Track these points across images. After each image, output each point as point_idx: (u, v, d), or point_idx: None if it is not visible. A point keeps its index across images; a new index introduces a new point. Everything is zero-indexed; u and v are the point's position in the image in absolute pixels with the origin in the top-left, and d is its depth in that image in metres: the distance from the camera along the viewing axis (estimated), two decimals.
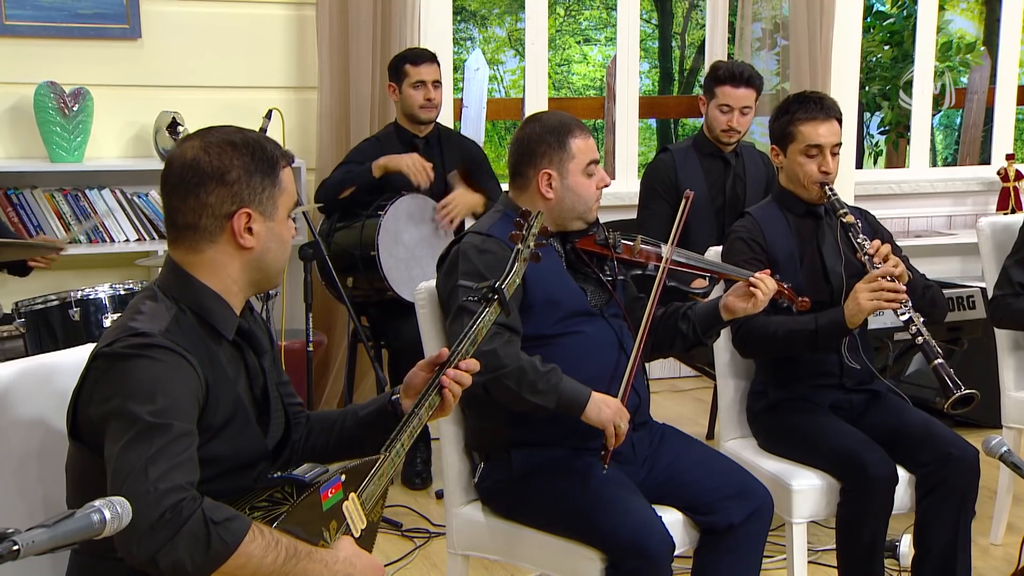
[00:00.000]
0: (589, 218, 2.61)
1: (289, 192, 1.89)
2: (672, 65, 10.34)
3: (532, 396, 2.38)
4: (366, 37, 4.60)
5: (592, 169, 2.59)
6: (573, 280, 2.60)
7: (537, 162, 2.59)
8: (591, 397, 2.40)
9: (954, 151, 9.74)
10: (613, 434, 2.39)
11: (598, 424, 2.40)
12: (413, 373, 2.06)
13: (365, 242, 3.98)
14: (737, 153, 4.28)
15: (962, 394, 2.63)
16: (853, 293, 2.80)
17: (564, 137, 2.57)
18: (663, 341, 2.69)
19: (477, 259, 2.49)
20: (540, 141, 2.59)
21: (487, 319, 2.08)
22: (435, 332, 2.65)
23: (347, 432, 2.09)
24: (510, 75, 10.38)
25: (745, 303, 2.59)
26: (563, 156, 2.57)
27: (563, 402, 2.39)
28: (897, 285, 2.77)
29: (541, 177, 2.58)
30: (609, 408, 2.41)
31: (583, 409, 2.40)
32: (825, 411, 2.95)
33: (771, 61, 5.56)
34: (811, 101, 2.97)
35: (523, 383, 2.37)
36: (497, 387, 2.38)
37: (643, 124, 9.82)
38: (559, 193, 2.58)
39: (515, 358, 2.38)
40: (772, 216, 3.05)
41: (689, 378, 5.49)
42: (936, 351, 2.71)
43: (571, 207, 2.58)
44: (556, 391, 2.39)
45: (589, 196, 2.59)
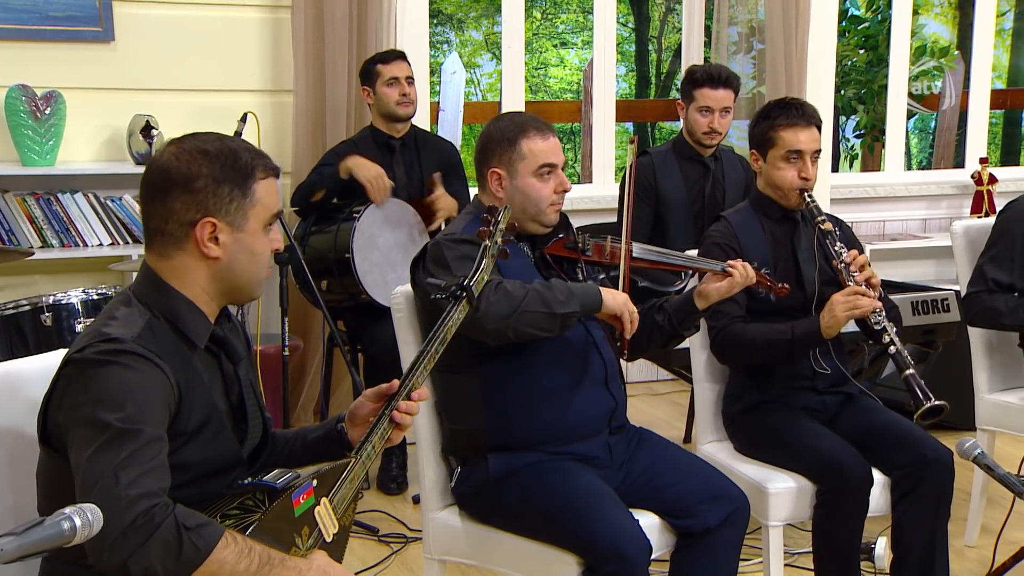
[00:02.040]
0: (545, 221, 2.60)
1: (265, 204, 1.86)
2: (649, 69, 10.37)
3: (560, 308, 2.39)
4: (341, 40, 4.59)
5: (546, 171, 2.58)
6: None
7: (488, 160, 2.60)
8: (601, 288, 2.47)
9: (929, 155, 9.82)
10: (628, 318, 2.45)
11: (615, 309, 2.45)
12: (360, 403, 2.06)
13: (340, 246, 3.98)
14: (716, 156, 4.30)
15: (932, 405, 2.65)
16: (829, 305, 2.83)
17: (516, 137, 2.57)
18: (641, 336, 2.69)
19: (450, 253, 2.48)
20: (492, 139, 2.60)
21: (456, 318, 2.07)
22: (412, 337, 2.64)
23: (297, 454, 2.09)
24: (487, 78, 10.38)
25: (720, 283, 2.60)
26: (512, 156, 2.57)
27: (584, 302, 2.44)
28: (871, 294, 2.79)
29: (491, 176, 2.59)
30: (620, 295, 2.48)
31: (601, 299, 2.45)
32: (800, 414, 2.96)
33: (747, 65, 5.59)
34: (792, 107, 2.98)
35: (549, 301, 2.39)
36: (526, 319, 2.36)
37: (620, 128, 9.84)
38: (509, 193, 2.58)
39: (522, 287, 2.40)
40: (747, 221, 3.06)
41: (666, 381, 5.50)
42: (908, 361, 2.74)
43: (522, 208, 2.57)
44: (573, 295, 2.43)
45: (540, 198, 2.57)
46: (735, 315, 2.94)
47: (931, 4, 9.35)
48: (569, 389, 2.51)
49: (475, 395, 2.53)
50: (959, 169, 6.37)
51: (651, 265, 2.73)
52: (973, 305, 3.30)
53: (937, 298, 3.68)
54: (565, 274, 2.63)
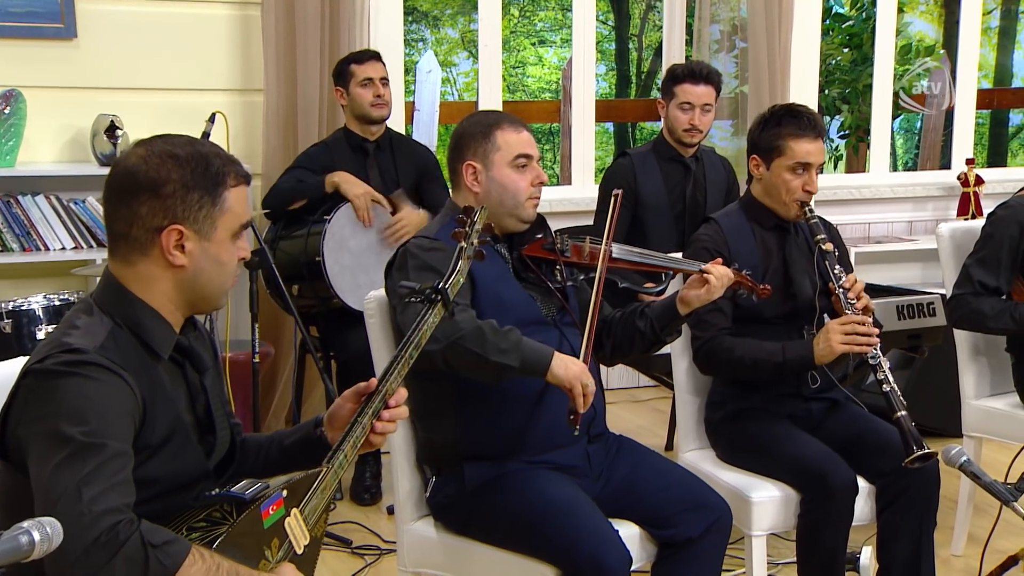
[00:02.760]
0: (523, 215, 2.60)
1: (235, 213, 1.85)
2: (629, 68, 10.40)
3: (496, 356, 2.33)
4: (314, 38, 4.58)
5: (523, 163, 2.58)
6: (522, 288, 2.60)
7: (463, 155, 2.60)
8: (555, 354, 2.39)
9: (915, 155, 9.88)
10: (581, 393, 2.36)
11: (565, 381, 2.36)
12: (339, 404, 2.05)
13: (310, 249, 3.97)
14: (697, 158, 4.31)
15: (922, 453, 2.67)
16: (825, 332, 2.84)
17: (489, 129, 2.58)
18: (622, 341, 2.70)
19: (425, 255, 2.49)
20: (465, 134, 2.61)
21: (431, 321, 2.07)
22: (385, 342, 2.64)
23: (272, 460, 2.08)
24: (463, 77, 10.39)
25: (699, 290, 2.61)
26: (487, 147, 2.57)
27: (527, 360, 2.36)
28: (871, 330, 2.81)
29: (466, 170, 2.59)
30: (576, 365, 2.39)
31: (548, 366, 2.36)
32: (783, 421, 2.97)
33: (729, 64, 5.61)
34: (804, 117, 2.97)
35: (485, 343, 2.34)
36: (457, 353, 2.34)
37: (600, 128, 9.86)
38: (485, 186, 2.58)
39: (472, 321, 2.36)
40: (739, 226, 3.06)
41: (647, 388, 5.51)
42: (901, 402, 2.75)
43: (499, 201, 2.58)
44: (519, 349, 2.36)
45: (518, 190, 2.57)
46: (721, 327, 2.95)
47: (916, 2, 9.42)
48: (547, 396, 2.51)
49: (450, 402, 2.53)
50: (945, 170, 6.41)
51: (631, 266, 2.73)
52: (958, 307, 3.33)
53: (923, 302, 3.69)
54: (543, 276, 2.63)
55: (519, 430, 2.51)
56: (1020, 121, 10.21)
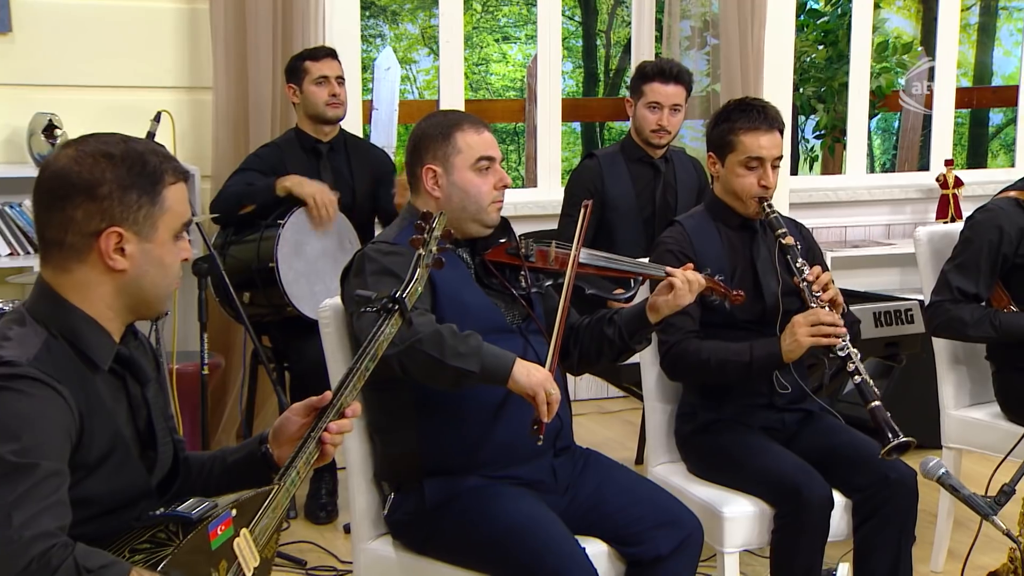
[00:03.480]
0: (486, 220, 2.60)
1: (175, 212, 1.84)
2: (597, 65, 10.43)
3: (455, 361, 2.31)
4: (265, 33, 4.56)
5: (485, 165, 2.59)
6: (485, 295, 2.60)
7: (422, 158, 2.60)
8: (517, 359, 2.37)
9: (892, 156, 9.97)
10: (544, 400, 2.34)
11: (527, 389, 2.34)
12: (286, 419, 2.04)
13: (263, 255, 3.95)
14: (667, 159, 4.33)
15: (899, 442, 2.69)
16: (791, 327, 2.86)
17: (450, 130, 2.58)
18: (590, 349, 2.70)
19: (384, 260, 2.48)
20: (425, 136, 2.61)
21: (387, 332, 2.06)
22: (340, 353, 2.63)
23: (215, 479, 2.06)
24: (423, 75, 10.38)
25: (667, 295, 2.62)
26: (448, 150, 2.58)
27: (487, 366, 2.34)
28: (836, 319, 2.83)
29: (426, 174, 2.59)
30: (539, 372, 2.37)
31: (509, 372, 2.34)
32: (756, 432, 2.99)
33: (701, 61, 5.64)
34: (754, 109, 3.00)
35: (444, 348, 2.32)
36: (414, 358, 2.32)
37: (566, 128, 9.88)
38: (446, 191, 2.58)
39: (430, 324, 2.35)
40: (703, 227, 3.08)
41: (617, 399, 5.53)
42: (873, 392, 2.77)
43: (461, 206, 2.58)
44: (479, 354, 2.34)
45: (480, 194, 2.58)
46: (688, 329, 2.96)
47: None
48: (510, 408, 2.51)
49: (409, 415, 2.52)
50: (924, 172, 6.48)
51: (599, 272, 2.74)
52: (936, 314, 3.36)
53: (901, 308, 3.73)
54: (507, 282, 2.63)
55: (481, 444, 2.51)
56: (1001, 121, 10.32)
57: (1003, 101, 9.07)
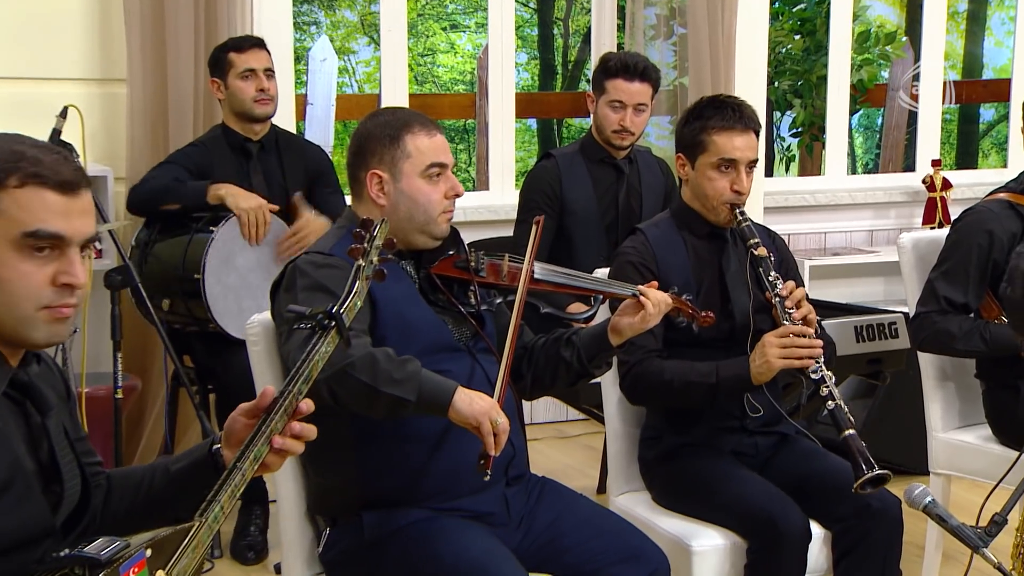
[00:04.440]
0: (435, 232, 2.61)
1: (12, 218, 1.75)
2: (554, 56, 10.47)
3: (389, 388, 2.31)
4: (186, 21, 4.54)
5: (436, 172, 2.59)
6: (431, 311, 2.60)
7: (367, 162, 2.60)
8: (458, 388, 2.37)
9: (875, 156, 10.07)
10: (490, 431, 2.33)
11: (470, 419, 2.34)
12: (233, 419, 2.02)
13: (190, 262, 3.92)
14: (631, 159, 4.35)
15: (874, 474, 2.72)
16: (761, 347, 2.88)
17: (398, 133, 2.58)
18: (544, 372, 2.71)
19: (317, 273, 2.48)
20: (370, 138, 2.60)
21: (323, 351, 2.06)
22: (270, 373, 2.62)
23: (156, 493, 2.03)
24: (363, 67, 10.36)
25: (632, 318, 2.63)
26: (396, 155, 2.58)
27: (425, 394, 2.34)
28: (812, 341, 2.86)
29: (370, 180, 2.59)
30: (483, 401, 2.37)
31: (450, 401, 2.34)
32: (727, 458, 3.01)
33: (667, 52, 5.68)
34: (729, 108, 3.02)
35: (377, 374, 2.32)
36: (345, 384, 2.32)
37: (521, 125, 9.90)
38: (392, 199, 2.58)
39: (363, 347, 2.35)
40: (668, 236, 3.10)
41: (576, 422, 5.53)
42: (848, 420, 2.80)
43: (409, 216, 2.58)
44: (416, 380, 2.34)
45: (430, 204, 2.58)
46: (650, 348, 2.98)
47: None
48: (458, 433, 2.50)
49: (346, 441, 2.51)
50: (909, 173, 6.55)
51: (556, 288, 2.75)
52: (922, 327, 3.39)
53: (884, 322, 3.77)
54: (455, 298, 2.63)
55: (426, 472, 2.51)
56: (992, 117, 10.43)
57: (994, 96, 9.16)
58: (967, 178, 6.56)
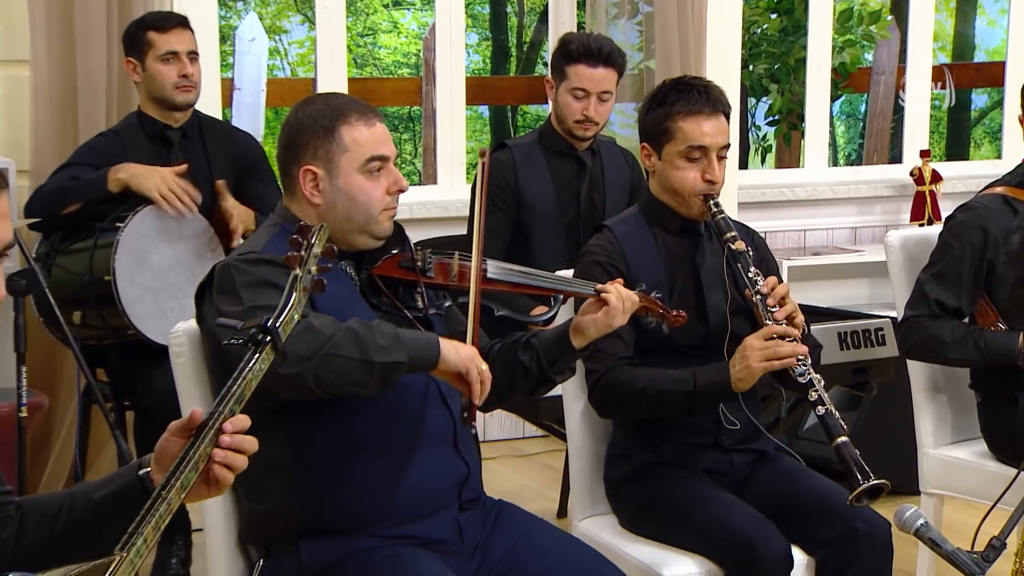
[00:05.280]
0: (377, 231, 2.61)
1: None
2: (507, 37, 10.48)
3: (381, 356, 2.35)
4: None
5: (376, 166, 2.59)
6: (373, 315, 2.59)
7: (299, 156, 2.59)
8: (440, 338, 2.44)
9: (859, 146, 10.15)
10: (478, 378, 2.41)
11: (459, 366, 2.41)
12: (165, 439, 2.01)
13: (98, 264, 3.88)
14: (594, 151, 4.37)
15: (871, 484, 2.73)
16: (741, 350, 2.89)
17: (333, 123, 2.57)
18: (502, 381, 2.70)
19: (256, 269, 2.47)
20: (302, 130, 2.59)
21: (258, 368, 2.05)
22: (196, 388, 2.62)
23: (77, 523, 2.02)
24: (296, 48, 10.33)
25: (596, 314, 2.64)
26: (331, 148, 2.57)
27: (414, 352, 2.39)
28: (797, 344, 2.87)
29: (303, 176, 2.58)
30: (467, 348, 2.45)
31: (438, 351, 2.41)
32: (701, 478, 3.02)
33: (632, 32, 5.70)
34: (694, 90, 3.04)
35: (364, 345, 2.35)
36: (332, 366, 2.33)
37: (472, 112, 9.90)
38: (329, 197, 2.58)
39: (334, 324, 2.37)
40: (637, 233, 3.11)
41: (535, 439, 5.54)
42: (840, 427, 2.81)
43: (347, 216, 2.58)
44: (401, 340, 2.39)
45: (370, 202, 2.58)
46: (620, 355, 2.99)
47: None
48: (405, 453, 2.52)
49: (281, 464, 2.51)
50: (896, 165, 6.61)
51: (511, 289, 2.75)
52: (911, 333, 3.42)
53: (870, 328, 3.79)
54: (400, 302, 2.63)
55: (371, 497, 2.51)
56: (985, 104, 10.53)
57: (987, 80, 9.24)
58: (958, 170, 6.64)
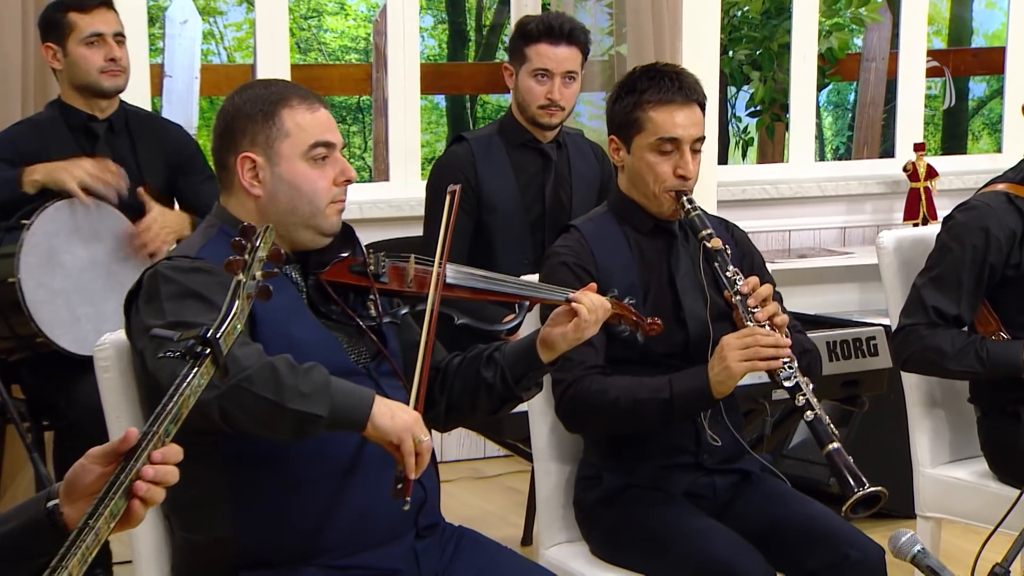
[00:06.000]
0: (324, 226, 2.60)
1: None
2: (466, 20, 10.50)
3: (297, 403, 2.31)
4: None
5: (321, 153, 2.58)
6: (321, 327, 2.59)
7: (236, 143, 2.58)
8: (376, 398, 2.39)
9: (848, 139, 10.20)
10: (412, 450, 2.35)
11: (391, 435, 2.35)
12: (81, 467, 1.99)
13: (1, 267, 3.85)
14: (560, 143, 4.37)
15: (866, 493, 2.75)
16: (719, 351, 2.90)
17: (273, 107, 2.57)
18: (462, 398, 2.72)
19: (186, 278, 2.46)
20: (239, 115, 2.59)
21: (196, 383, 2.04)
22: (126, 406, 2.61)
23: None
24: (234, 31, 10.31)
25: (565, 327, 2.65)
26: (271, 133, 2.56)
27: (339, 407, 2.34)
28: (779, 339, 2.88)
29: (241, 164, 2.57)
30: (405, 413, 2.39)
31: (368, 413, 2.36)
32: (679, 502, 3.03)
33: (601, 16, 5.71)
34: (665, 77, 3.05)
35: (281, 386, 2.31)
36: (240, 402, 2.30)
37: (427, 102, 9.90)
38: (270, 187, 2.57)
39: (258, 356, 2.35)
40: (607, 233, 3.12)
41: (497, 459, 5.55)
42: (831, 433, 2.82)
43: (290, 208, 2.57)
44: (326, 392, 2.34)
45: (316, 192, 2.57)
46: (590, 364, 2.99)
47: None
48: (356, 476, 2.51)
49: (219, 490, 2.50)
50: (888, 159, 6.64)
51: (473, 295, 2.75)
52: (907, 343, 3.43)
53: (861, 337, 3.81)
54: (352, 310, 2.62)
55: (319, 524, 2.50)
56: (984, 92, 10.60)
57: (986, 67, 9.30)
58: (955, 165, 6.67)
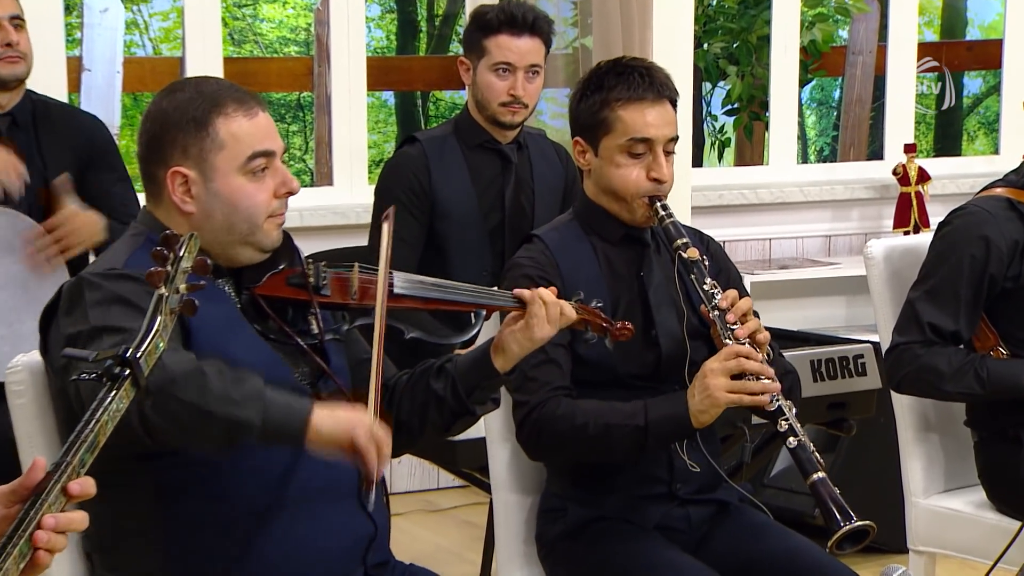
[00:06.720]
0: (263, 243, 2.59)
1: None
2: (416, 10, 10.50)
3: (225, 409, 2.30)
4: None
5: (260, 165, 2.58)
6: (263, 343, 2.59)
7: (166, 156, 2.57)
8: (315, 404, 2.38)
9: (833, 139, 10.24)
10: (369, 440, 2.35)
11: (339, 432, 2.36)
12: None
13: None
14: (520, 144, 4.38)
15: (853, 527, 2.75)
16: (701, 378, 2.89)
17: (206, 115, 2.55)
18: (412, 417, 2.71)
19: (112, 284, 2.45)
20: (168, 124, 2.57)
21: (115, 408, 2.03)
22: (41, 437, 2.60)
23: None
24: (160, 21, 10.27)
25: (514, 327, 2.65)
26: (204, 145, 2.55)
27: (272, 414, 2.34)
28: (766, 369, 2.87)
29: (171, 180, 2.56)
30: (348, 411, 2.40)
31: (307, 419, 2.35)
32: (651, 536, 3.02)
33: (564, 6, 5.71)
34: (634, 73, 3.06)
35: (208, 390, 2.29)
36: (165, 409, 2.28)
37: (375, 99, 9.89)
38: (204, 204, 2.56)
39: (189, 362, 2.33)
40: (572, 243, 3.13)
41: (451, 490, 5.54)
42: (816, 461, 2.82)
43: (226, 226, 2.56)
44: (260, 398, 2.33)
45: (254, 208, 2.57)
46: (556, 385, 2.99)
47: None
48: (301, 509, 2.51)
49: (148, 523, 2.50)
50: (876, 161, 6.67)
51: (424, 305, 2.74)
52: (902, 363, 3.42)
53: (848, 355, 3.82)
54: (290, 326, 2.61)
55: (259, 561, 2.49)
56: (979, 89, 10.65)
57: (981, 62, 9.35)
58: (949, 168, 6.71)
